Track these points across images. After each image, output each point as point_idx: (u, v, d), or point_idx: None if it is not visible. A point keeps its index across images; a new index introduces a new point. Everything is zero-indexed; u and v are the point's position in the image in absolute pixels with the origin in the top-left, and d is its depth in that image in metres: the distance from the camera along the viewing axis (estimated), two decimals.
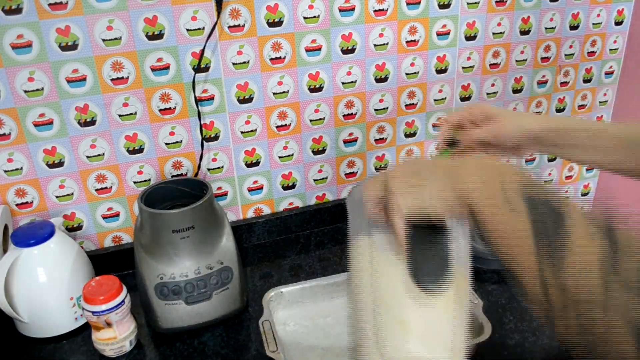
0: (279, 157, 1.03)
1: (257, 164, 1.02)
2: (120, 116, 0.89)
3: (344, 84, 1.01)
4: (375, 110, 1.05)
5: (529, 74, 1.16)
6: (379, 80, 1.03)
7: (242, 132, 0.98)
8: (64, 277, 0.80)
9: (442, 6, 1.01)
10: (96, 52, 0.83)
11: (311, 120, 1.02)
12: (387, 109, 1.06)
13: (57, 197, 0.90)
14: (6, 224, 0.85)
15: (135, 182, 0.95)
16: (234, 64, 0.92)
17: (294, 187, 1.07)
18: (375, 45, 0.99)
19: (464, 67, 1.09)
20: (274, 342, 0.72)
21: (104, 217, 0.95)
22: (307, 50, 0.95)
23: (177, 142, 0.94)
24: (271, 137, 1.00)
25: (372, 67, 1.01)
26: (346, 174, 1.10)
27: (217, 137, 0.96)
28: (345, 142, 1.06)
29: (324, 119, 1.02)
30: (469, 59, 1.08)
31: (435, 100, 1.10)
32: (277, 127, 1.00)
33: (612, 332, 0.35)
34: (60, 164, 0.89)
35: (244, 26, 0.90)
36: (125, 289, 0.77)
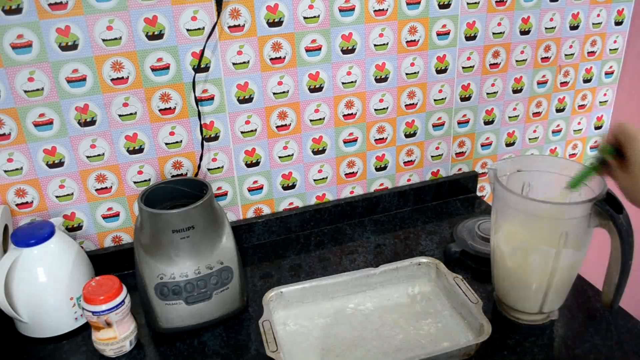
0: (279, 157, 1.03)
1: (257, 164, 1.02)
2: (120, 116, 0.89)
3: (344, 84, 1.01)
4: (375, 110, 1.06)
5: (529, 74, 1.16)
6: (379, 80, 1.03)
7: (242, 132, 0.98)
8: (64, 277, 0.80)
9: (442, 6, 1.01)
10: (96, 52, 0.83)
11: (311, 120, 1.02)
12: (387, 109, 1.06)
13: (57, 197, 0.91)
14: (6, 224, 0.85)
15: (135, 182, 0.95)
16: (234, 64, 0.92)
17: (294, 187, 1.07)
18: (375, 45, 0.99)
19: (464, 67, 1.09)
20: (274, 342, 0.72)
21: (104, 217, 0.95)
22: (307, 50, 0.95)
23: (177, 142, 0.94)
24: (271, 137, 1.00)
25: (372, 67, 1.01)
26: (346, 174, 1.10)
27: (217, 137, 0.96)
28: (345, 142, 1.06)
29: (324, 119, 1.02)
30: (469, 59, 1.08)
31: (435, 100, 1.10)
32: (277, 127, 1.00)
33: None
34: (60, 164, 0.89)
35: (244, 26, 0.90)
36: (125, 289, 0.77)
